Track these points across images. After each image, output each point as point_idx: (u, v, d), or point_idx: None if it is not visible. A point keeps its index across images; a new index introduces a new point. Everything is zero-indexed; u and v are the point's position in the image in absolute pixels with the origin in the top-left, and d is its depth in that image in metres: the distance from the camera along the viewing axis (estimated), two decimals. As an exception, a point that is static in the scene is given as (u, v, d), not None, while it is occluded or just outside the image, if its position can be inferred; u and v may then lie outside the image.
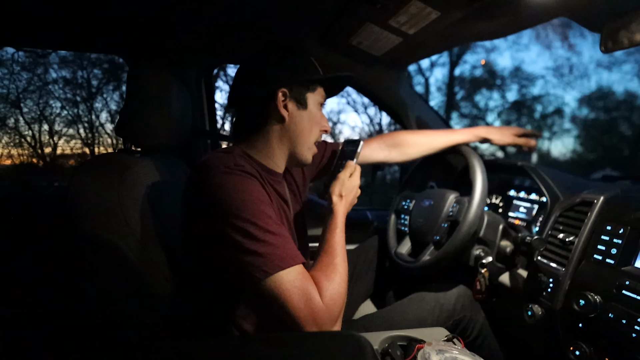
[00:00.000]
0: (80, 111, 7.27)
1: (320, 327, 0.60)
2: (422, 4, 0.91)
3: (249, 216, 0.61)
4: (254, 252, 0.59)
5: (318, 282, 0.63)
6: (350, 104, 9.20)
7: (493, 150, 8.80)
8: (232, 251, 0.60)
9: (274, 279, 0.58)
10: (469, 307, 0.99)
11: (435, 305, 0.97)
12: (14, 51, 6.25)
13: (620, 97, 8.26)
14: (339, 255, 0.69)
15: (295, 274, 0.60)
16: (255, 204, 0.63)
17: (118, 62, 6.88)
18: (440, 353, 0.61)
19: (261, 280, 0.58)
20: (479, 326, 1.00)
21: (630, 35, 0.80)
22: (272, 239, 0.61)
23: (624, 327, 0.70)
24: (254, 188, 0.66)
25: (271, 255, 0.59)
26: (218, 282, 0.71)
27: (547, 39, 8.36)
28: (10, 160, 6.83)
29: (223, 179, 0.64)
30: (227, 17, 1.10)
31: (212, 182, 0.64)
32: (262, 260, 0.59)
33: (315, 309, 0.60)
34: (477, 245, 1.07)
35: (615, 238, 0.80)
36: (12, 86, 6.57)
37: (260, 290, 0.59)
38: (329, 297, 0.62)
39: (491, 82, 8.97)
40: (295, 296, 0.59)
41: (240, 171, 0.66)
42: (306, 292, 0.60)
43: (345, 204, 0.78)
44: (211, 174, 0.64)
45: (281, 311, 0.59)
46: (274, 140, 0.79)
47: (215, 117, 1.58)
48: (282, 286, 0.58)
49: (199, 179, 0.67)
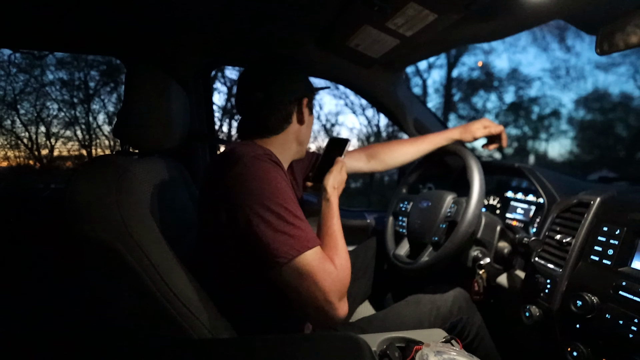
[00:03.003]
0: (78, 113, 7.23)
1: (339, 292, 0.68)
2: (420, 6, 0.92)
3: (281, 200, 0.67)
4: (286, 233, 0.66)
5: (330, 257, 0.72)
6: (348, 106, 9.23)
7: (490, 152, 8.81)
8: (265, 231, 0.65)
9: (303, 257, 0.66)
10: (465, 309, 1.00)
11: (432, 307, 0.98)
12: (11, 53, 6.24)
13: (616, 98, 8.31)
14: (339, 236, 0.79)
15: (318, 252, 0.68)
16: (285, 190, 0.70)
17: (115, 63, 6.86)
18: (439, 354, 0.61)
19: (293, 259, 0.65)
20: (475, 328, 1.00)
21: (625, 38, 0.80)
22: (299, 223, 0.68)
23: (621, 327, 0.70)
24: (282, 176, 0.72)
25: (300, 237, 0.66)
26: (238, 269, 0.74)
27: (544, 41, 8.41)
28: (7, 162, 6.79)
29: (256, 165, 0.69)
30: (225, 19, 1.10)
31: (244, 167, 0.69)
32: (293, 241, 0.66)
33: (334, 279, 0.68)
34: (475, 247, 1.08)
35: (611, 239, 0.80)
36: (8, 88, 6.55)
37: (290, 269, 0.66)
38: (340, 267, 0.71)
39: (488, 83, 9.00)
40: (320, 271, 0.66)
41: (269, 160, 0.72)
42: (326, 266, 0.68)
43: (337, 194, 0.87)
44: (243, 160, 0.69)
45: (310, 285, 0.66)
46: (290, 139, 0.88)
47: (213, 119, 1.58)
48: (312, 263, 0.66)
49: (228, 164, 0.71)
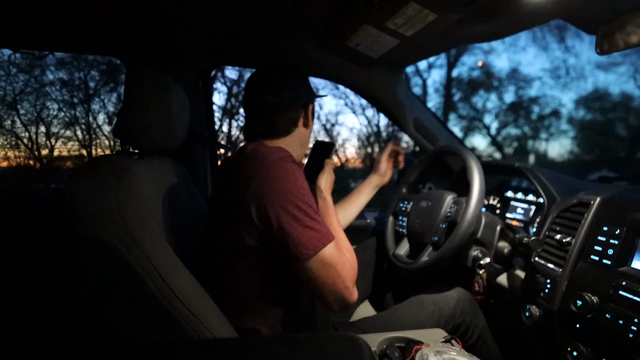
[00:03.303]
0: (78, 113, 7.22)
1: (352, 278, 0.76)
2: (419, 5, 0.92)
3: (306, 199, 0.74)
4: (312, 228, 0.72)
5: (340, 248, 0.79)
6: (348, 106, 9.18)
7: (490, 152, 8.80)
8: (295, 227, 0.71)
9: (326, 249, 0.73)
10: (469, 311, 0.99)
11: (435, 309, 0.97)
12: (11, 53, 6.23)
13: (616, 98, 8.28)
14: (340, 230, 0.87)
15: (334, 245, 0.76)
16: (307, 190, 0.76)
17: (115, 63, 6.85)
18: (438, 354, 0.61)
19: (318, 252, 0.72)
20: (479, 330, 0.99)
21: (625, 37, 0.80)
22: (319, 219, 0.75)
23: (621, 327, 0.70)
24: (302, 176, 0.78)
25: (322, 231, 0.74)
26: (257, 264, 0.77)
27: (544, 41, 8.39)
28: (7, 162, 6.79)
29: (283, 166, 0.75)
30: (225, 19, 1.10)
31: (272, 168, 0.74)
32: (318, 235, 0.73)
33: (349, 268, 0.76)
34: (475, 247, 1.08)
35: (611, 239, 0.80)
36: (8, 88, 6.54)
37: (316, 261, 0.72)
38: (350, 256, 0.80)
39: (488, 83, 8.98)
40: (339, 261, 0.74)
41: (292, 161, 0.78)
42: (342, 256, 0.76)
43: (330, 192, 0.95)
44: (270, 161, 0.74)
45: (332, 273, 0.73)
46: (295, 142, 0.93)
47: (213, 119, 1.58)
48: (332, 254, 0.74)
49: (255, 164, 0.75)
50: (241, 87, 7.93)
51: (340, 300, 0.75)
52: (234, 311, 0.76)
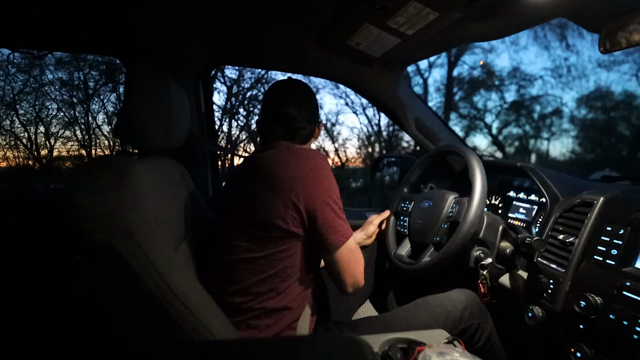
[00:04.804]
0: (77, 113, 7.21)
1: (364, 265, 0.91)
2: (421, 4, 0.91)
3: (338, 194, 0.86)
4: (344, 219, 0.85)
5: None
6: (349, 105, 9.17)
7: (492, 151, 8.79)
8: (334, 218, 0.83)
9: (352, 239, 0.87)
10: (477, 314, 0.98)
11: (442, 311, 0.96)
12: (10, 52, 6.23)
13: (618, 97, 8.25)
14: None
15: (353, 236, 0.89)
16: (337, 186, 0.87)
17: (115, 63, 6.84)
18: (441, 355, 0.60)
19: (347, 240, 0.85)
20: (487, 334, 0.98)
21: (628, 36, 0.80)
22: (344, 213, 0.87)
23: (625, 328, 0.70)
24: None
25: (347, 223, 0.86)
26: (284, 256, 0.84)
27: (545, 40, 8.38)
28: (6, 162, 6.78)
29: (325, 164, 0.85)
30: (225, 19, 1.09)
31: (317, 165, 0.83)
32: (347, 226, 0.86)
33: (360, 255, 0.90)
34: (477, 247, 1.07)
35: (615, 239, 0.80)
36: (7, 88, 6.54)
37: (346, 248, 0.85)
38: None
39: (490, 82, 8.96)
40: (358, 249, 0.90)
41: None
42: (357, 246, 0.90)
43: None
44: (316, 159, 0.84)
45: (355, 259, 0.87)
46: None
47: (213, 119, 1.58)
48: (354, 243, 0.88)
49: (300, 161, 0.83)
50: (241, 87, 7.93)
51: (356, 283, 0.88)
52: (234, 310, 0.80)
